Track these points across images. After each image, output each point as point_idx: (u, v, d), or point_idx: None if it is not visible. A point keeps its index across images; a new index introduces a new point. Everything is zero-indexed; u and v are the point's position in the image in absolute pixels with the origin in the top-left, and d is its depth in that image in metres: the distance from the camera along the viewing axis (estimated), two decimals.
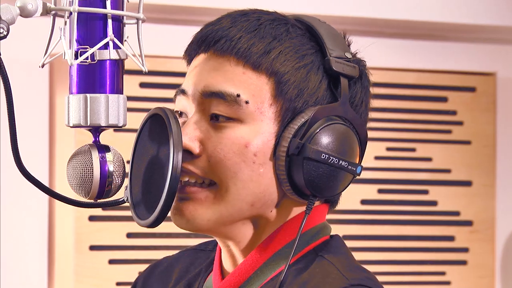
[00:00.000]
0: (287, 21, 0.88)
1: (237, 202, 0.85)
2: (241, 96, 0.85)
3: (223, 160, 0.84)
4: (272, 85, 0.85)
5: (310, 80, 0.85)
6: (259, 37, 0.86)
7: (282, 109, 0.85)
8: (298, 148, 0.83)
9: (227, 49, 0.86)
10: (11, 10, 0.81)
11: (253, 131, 0.85)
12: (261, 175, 0.84)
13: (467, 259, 2.20)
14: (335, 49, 0.86)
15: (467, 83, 2.20)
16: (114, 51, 0.84)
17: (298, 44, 0.86)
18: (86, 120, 0.84)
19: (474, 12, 2.11)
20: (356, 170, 0.85)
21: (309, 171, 0.83)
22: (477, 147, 2.20)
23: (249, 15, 0.88)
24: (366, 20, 2.08)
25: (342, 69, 0.85)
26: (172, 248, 2.01)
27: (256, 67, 0.85)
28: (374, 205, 2.14)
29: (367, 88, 0.90)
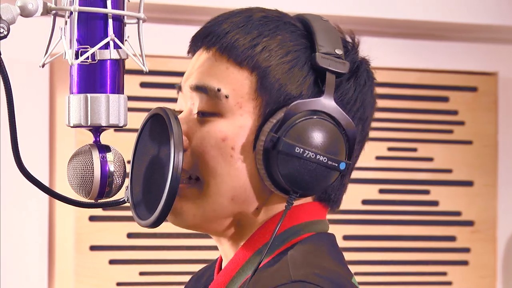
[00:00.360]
0: (281, 18, 0.88)
1: (217, 197, 0.85)
2: (221, 91, 0.85)
3: (203, 155, 0.85)
4: (254, 79, 0.85)
5: (294, 75, 0.85)
6: (245, 32, 0.86)
7: (263, 103, 0.85)
8: (272, 142, 0.83)
9: (213, 44, 0.87)
10: (12, 9, 0.81)
11: (232, 125, 0.85)
12: (238, 169, 0.84)
13: (469, 259, 2.20)
14: (325, 45, 0.86)
15: (469, 83, 2.20)
16: (114, 50, 0.84)
17: (286, 40, 0.86)
18: (87, 120, 0.84)
19: (476, 11, 2.11)
20: (339, 166, 0.83)
21: (284, 166, 0.83)
22: (479, 147, 2.20)
23: (244, 12, 0.88)
24: (367, 20, 2.08)
25: (328, 65, 0.85)
26: (173, 249, 2.02)
27: (239, 62, 0.85)
28: (375, 205, 2.14)
29: (363, 86, 0.88)
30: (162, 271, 2.00)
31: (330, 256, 0.86)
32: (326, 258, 0.85)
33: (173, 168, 0.81)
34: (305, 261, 0.83)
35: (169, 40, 2.01)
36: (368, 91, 0.89)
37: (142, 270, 2.00)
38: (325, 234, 0.89)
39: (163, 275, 2.01)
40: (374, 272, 2.13)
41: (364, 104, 0.89)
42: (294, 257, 0.83)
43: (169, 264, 2.01)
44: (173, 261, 2.01)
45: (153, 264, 2.00)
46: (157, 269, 2.01)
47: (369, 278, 2.12)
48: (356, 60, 0.88)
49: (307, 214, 0.88)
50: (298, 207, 0.86)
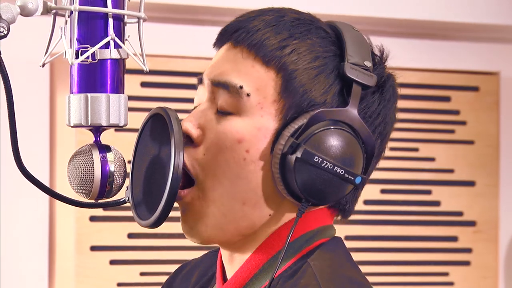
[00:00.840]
0: (314, 22, 0.87)
1: (226, 201, 0.84)
2: (243, 88, 0.84)
3: (215, 156, 0.83)
4: (279, 81, 0.84)
5: (319, 82, 0.84)
6: (276, 32, 0.85)
7: (285, 106, 0.83)
8: (292, 147, 0.82)
9: (241, 40, 0.85)
10: (12, 9, 0.81)
11: (250, 126, 0.84)
12: (251, 172, 0.83)
13: (471, 259, 2.20)
14: (355, 55, 0.85)
15: (471, 83, 2.20)
16: (115, 50, 0.84)
17: (315, 45, 0.85)
18: (87, 119, 0.83)
19: (478, 11, 2.11)
20: (355, 180, 0.82)
21: (301, 173, 0.81)
22: (481, 147, 2.20)
23: (276, 11, 0.87)
24: (368, 19, 2.08)
25: (356, 76, 0.83)
26: (174, 249, 2.01)
27: (266, 61, 0.84)
28: (377, 205, 2.14)
29: (388, 101, 0.88)
30: (163, 272, 2.00)
31: (350, 262, 0.86)
32: (347, 266, 0.85)
33: (173, 168, 0.81)
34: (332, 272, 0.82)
35: (169, 40, 2.01)
36: (391, 107, 0.89)
37: (143, 271, 2.00)
38: (338, 238, 0.88)
39: (163, 276, 1.99)
40: (376, 273, 2.12)
41: (385, 120, 0.88)
42: (320, 268, 0.82)
43: (170, 265, 2.00)
44: (174, 261, 2.00)
45: (153, 264, 2.00)
46: (158, 270, 2.00)
47: (371, 279, 2.10)
48: (384, 74, 0.88)
49: (318, 220, 0.87)
50: (310, 214, 0.85)
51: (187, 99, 1.88)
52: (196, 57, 1.96)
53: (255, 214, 0.85)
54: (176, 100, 1.99)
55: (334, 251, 0.86)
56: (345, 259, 0.86)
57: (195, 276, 0.97)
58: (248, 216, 0.85)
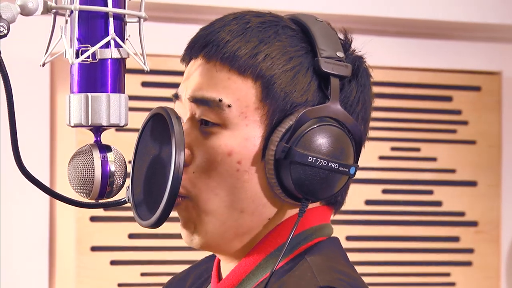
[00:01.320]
0: (279, 22, 0.87)
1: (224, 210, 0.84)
2: (223, 101, 0.84)
3: (208, 171, 0.84)
4: (259, 88, 0.84)
5: (298, 82, 0.84)
6: (245, 41, 0.85)
7: (269, 112, 0.84)
8: (284, 152, 0.82)
9: (213, 54, 0.86)
10: (12, 8, 0.81)
11: (237, 137, 0.84)
12: (246, 181, 0.84)
13: (472, 260, 2.19)
14: (326, 49, 0.85)
15: (472, 82, 2.19)
16: (115, 50, 0.83)
17: (286, 46, 0.85)
18: (87, 119, 0.83)
19: (479, 10, 2.11)
20: (349, 171, 0.83)
21: (297, 175, 0.82)
22: (482, 147, 2.20)
23: (239, 18, 0.87)
24: (370, 19, 2.08)
25: (332, 69, 0.84)
26: (174, 249, 2.01)
27: (242, 71, 0.84)
28: (379, 205, 2.14)
29: (364, 85, 0.88)
30: (164, 272, 2.00)
31: (344, 260, 0.86)
32: (342, 263, 0.85)
33: (174, 167, 0.81)
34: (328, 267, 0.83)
35: (170, 39, 2.01)
36: (368, 90, 0.89)
37: (144, 271, 2.00)
38: (335, 238, 0.89)
39: (164, 276, 1.99)
40: (377, 273, 2.12)
41: (365, 104, 0.88)
42: (316, 262, 0.83)
43: (170, 265, 2.00)
44: (174, 262, 2.00)
45: (154, 265, 2.00)
46: (159, 270, 2.00)
47: (372, 279, 2.11)
48: (355, 60, 0.88)
49: (316, 218, 0.88)
50: (307, 212, 0.86)
51: None
52: None
53: (254, 220, 0.85)
54: None
55: (330, 249, 0.86)
56: (341, 257, 0.87)
57: (190, 279, 0.97)
58: (247, 223, 0.85)
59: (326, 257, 0.85)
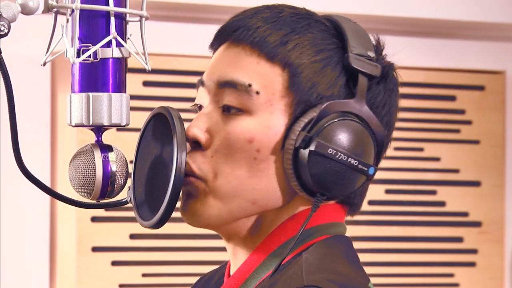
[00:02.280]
0: (312, 16, 0.87)
1: (234, 199, 0.83)
2: (252, 86, 0.83)
3: (226, 156, 0.83)
4: (286, 76, 0.83)
5: (326, 75, 0.84)
6: (277, 28, 0.84)
7: (294, 101, 0.83)
8: (305, 141, 0.81)
9: (243, 38, 0.85)
10: (12, 7, 0.81)
11: (260, 124, 0.83)
12: (261, 171, 0.83)
13: (476, 260, 2.19)
14: (358, 46, 0.84)
15: (476, 82, 2.19)
16: (117, 49, 0.83)
17: (318, 38, 0.85)
18: (89, 119, 0.83)
19: (483, 9, 2.11)
20: (368, 170, 0.82)
21: (315, 166, 0.81)
22: (486, 147, 2.19)
23: (272, 8, 0.87)
24: (373, 18, 2.07)
25: (361, 67, 0.83)
26: (176, 250, 2.01)
27: (271, 58, 0.84)
28: (382, 205, 2.13)
29: (392, 91, 0.88)
30: (165, 273, 2.00)
31: (346, 259, 0.85)
32: (341, 262, 0.83)
33: (176, 168, 0.80)
34: (320, 266, 0.82)
35: (172, 38, 2.01)
36: (395, 96, 0.89)
37: (145, 272, 1.99)
38: (342, 236, 0.87)
39: (166, 277, 2.00)
40: (380, 274, 2.12)
41: (391, 110, 0.88)
42: (309, 261, 0.82)
43: (172, 266, 2.00)
44: (176, 262, 2.00)
45: (156, 265, 2.00)
46: (160, 271, 2.00)
47: (375, 280, 2.10)
48: (386, 64, 0.88)
49: (326, 216, 0.86)
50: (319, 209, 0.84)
51: (189, 98, 1.87)
52: (199, 55, 1.95)
53: (264, 210, 0.84)
54: (178, 100, 1.98)
55: (331, 246, 0.85)
56: (342, 255, 0.85)
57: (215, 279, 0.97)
58: (257, 212, 0.84)
59: (322, 255, 0.83)
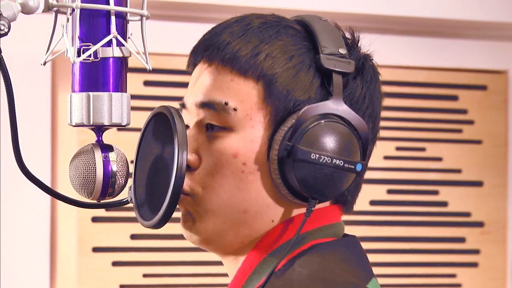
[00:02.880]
0: (280, 22, 0.87)
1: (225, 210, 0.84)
2: (229, 104, 0.84)
3: (212, 172, 0.84)
4: (261, 88, 0.84)
5: (300, 80, 0.84)
6: (246, 41, 0.85)
7: (272, 112, 0.84)
8: (287, 150, 0.82)
9: (214, 57, 0.85)
10: (12, 6, 0.80)
11: (243, 139, 0.84)
12: (250, 182, 0.83)
13: (478, 261, 2.18)
14: (329, 46, 0.84)
15: (478, 81, 2.18)
16: (117, 48, 0.83)
17: (288, 45, 0.85)
18: (89, 119, 0.83)
19: (485, 8, 2.10)
20: (355, 168, 0.82)
21: (301, 173, 0.81)
22: (488, 147, 2.19)
23: (240, 20, 0.87)
24: (375, 17, 2.07)
25: (333, 66, 0.83)
26: (177, 250, 2.00)
27: (243, 72, 0.84)
28: (383, 206, 2.13)
29: (370, 82, 0.87)
30: (166, 273, 1.99)
31: (344, 262, 0.85)
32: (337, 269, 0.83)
33: (177, 167, 0.81)
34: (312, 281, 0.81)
35: (173, 38, 2.00)
36: (375, 87, 0.88)
37: (146, 272, 1.99)
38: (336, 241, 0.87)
39: (167, 277, 2.00)
40: (382, 274, 2.11)
41: (372, 101, 0.87)
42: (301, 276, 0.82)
43: (173, 266, 2.00)
44: (177, 263, 2.00)
45: (157, 266, 1.99)
46: (161, 271, 2.00)
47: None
48: (360, 57, 0.87)
49: (322, 218, 0.87)
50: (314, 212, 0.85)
51: None
52: None
53: (257, 221, 0.85)
54: (179, 99, 1.97)
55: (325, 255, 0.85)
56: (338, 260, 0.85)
57: None
58: (249, 223, 0.85)
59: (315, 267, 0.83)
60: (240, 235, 0.85)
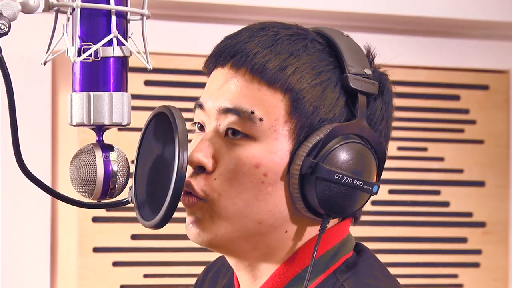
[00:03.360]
0: (307, 35, 0.87)
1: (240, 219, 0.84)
2: (255, 113, 0.84)
3: (231, 180, 0.84)
4: (287, 102, 0.84)
5: (327, 97, 0.85)
6: (275, 53, 0.85)
7: (297, 126, 0.84)
8: (311, 168, 0.83)
9: (243, 64, 0.85)
10: (13, 6, 0.80)
11: (266, 150, 0.84)
12: (269, 193, 0.84)
13: (480, 261, 2.18)
14: (354, 65, 0.85)
15: (480, 81, 2.18)
16: (118, 48, 0.83)
17: (315, 60, 0.85)
18: (90, 118, 0.83)
19: (487, 8, 2.10)
20: (372, 189, 0.84)
21: (322, 191, 0.83)
22: (490, 147, 2.18)
23: (267, 29, 0.87)
24: (377, 17, 2.06)
25: (360, 86, 0.85)
26: (178, 250, 2.00)
27: (271, 84, 0.84)
28: (385, 206, 2.13)
29: (388, 103, 0.89)
30: (167, 273, 1.99)
31: (382, 273, 0.88)
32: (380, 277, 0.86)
33: (177, 167, 0.80)
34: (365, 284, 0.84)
35: (173, 37, 2.00)
36: (391, 108, 0.90)
37: (147, 273, 1.99)
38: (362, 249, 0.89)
39: (168, 278, 1.99)
40: None
41: (388, 122, 0.89)
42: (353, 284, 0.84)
43: (174, 266, 1.99)
44: (178, 263, 1.99)
45: (157, 266, 1.99)
46: (162, 271, 1.99)
47: None
48: (381, 77, 0.88)
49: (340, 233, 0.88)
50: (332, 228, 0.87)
51: (191, 97, 1.86)
52: (201, 55, 1.93)
53: (271, 232, 0.85)
54: (180, 99, 1.97)
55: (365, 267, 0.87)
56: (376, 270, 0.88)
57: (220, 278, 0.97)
58: (263, 234, 0.85)
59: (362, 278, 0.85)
60: (252, 243, 0.85)
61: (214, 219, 0.84)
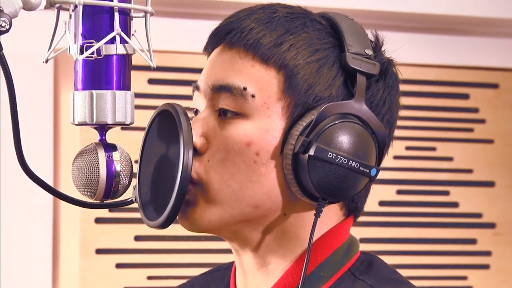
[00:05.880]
0: (307, 15, 0.86)
1: (235, 204, 0.82)
2: (247, 89, 0.82)
3: (223, 160, 0.82)
4: (282, 78, 0.83)
5: (323, 75, 0.83)
6: (271, 29, 0.83)
7: (291, 104, 0.82)
8: (304, 146, 0.80)
9: (236, 41, 0.84)
10: (14, 3, 0.79)
11: (258, 128, 0.82)
12: (262, 175, 0.82)
13: (490, 263, 2.17)
14: (355, 45, 0.83)
15: (490, 79, 2.17)
16: (121, 45, 0.82)
17: (313, 38, 0.84)
18: (92, 117, 0.82)
19: (497, 5, 2.09)
20: (370, 172, 0.81)
21: (315, 171, 0.80)
22: (500, 146, 2.17)
23: (266, 8, 0.86)
24: (383, 14, 2.06)
25: (359, 66, 0.82)
26: (182, 252, 1.99)
27: (265, 60, 0.83)
28: (393, 206, 2.12)
29: (392, 87, 0.86)
30: (171, 275, 1.99)
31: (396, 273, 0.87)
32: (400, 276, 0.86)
33: (182, 167, 0.79)
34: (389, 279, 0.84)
35: (177, 35, 2.00)
36: (395, 93, 0.87)
37: (150, 274, 1.98)
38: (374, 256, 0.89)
39: (171, 279, 1.99)
40: None
41: (391, 107, 0.87)
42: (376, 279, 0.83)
43: (177, 268, 1.99)
44: (181, 265, 1.99)
45: (161, 268, 1.99)
46: (166, 273, 1.99)
47: None
48: (384, 61, 0.86)
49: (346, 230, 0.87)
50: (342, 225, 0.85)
51: None
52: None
53: (269, 216, 0.83)
54: (184, 98, 1.95)
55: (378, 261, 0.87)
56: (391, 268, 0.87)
57: None
58: (261, 218, 0.83)
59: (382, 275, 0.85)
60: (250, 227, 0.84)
61: (208, 203, 0.82)
